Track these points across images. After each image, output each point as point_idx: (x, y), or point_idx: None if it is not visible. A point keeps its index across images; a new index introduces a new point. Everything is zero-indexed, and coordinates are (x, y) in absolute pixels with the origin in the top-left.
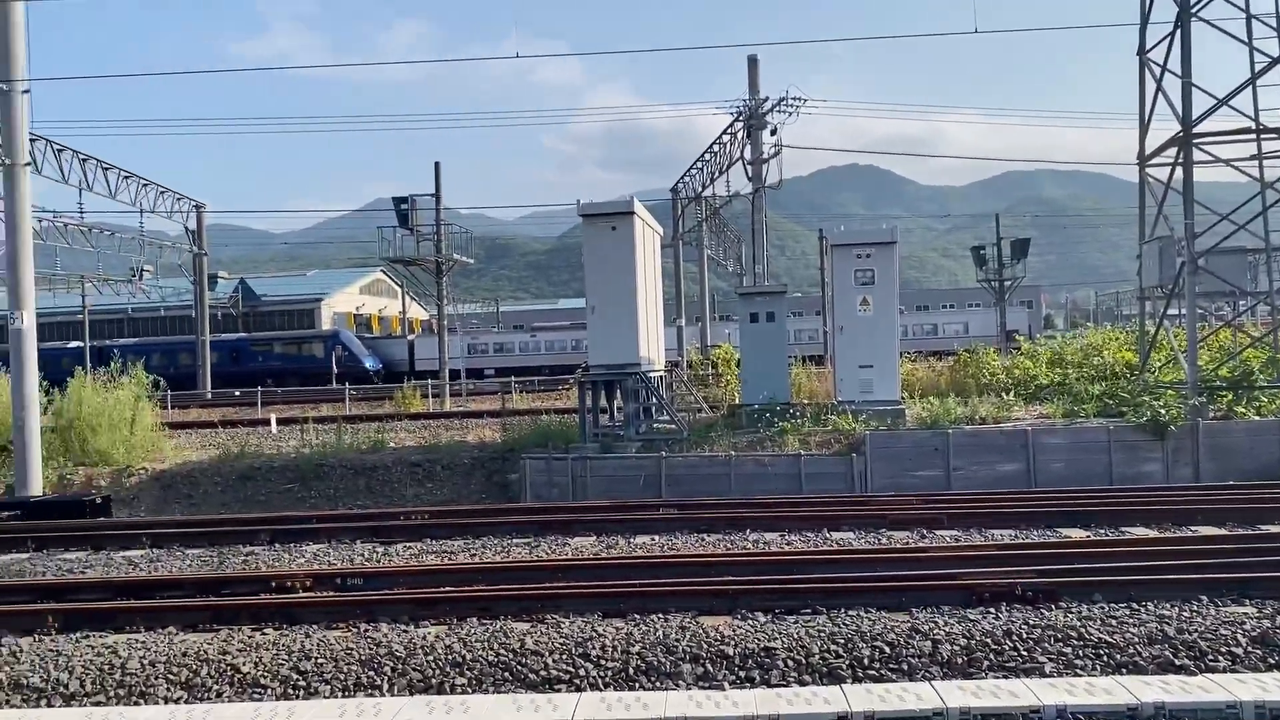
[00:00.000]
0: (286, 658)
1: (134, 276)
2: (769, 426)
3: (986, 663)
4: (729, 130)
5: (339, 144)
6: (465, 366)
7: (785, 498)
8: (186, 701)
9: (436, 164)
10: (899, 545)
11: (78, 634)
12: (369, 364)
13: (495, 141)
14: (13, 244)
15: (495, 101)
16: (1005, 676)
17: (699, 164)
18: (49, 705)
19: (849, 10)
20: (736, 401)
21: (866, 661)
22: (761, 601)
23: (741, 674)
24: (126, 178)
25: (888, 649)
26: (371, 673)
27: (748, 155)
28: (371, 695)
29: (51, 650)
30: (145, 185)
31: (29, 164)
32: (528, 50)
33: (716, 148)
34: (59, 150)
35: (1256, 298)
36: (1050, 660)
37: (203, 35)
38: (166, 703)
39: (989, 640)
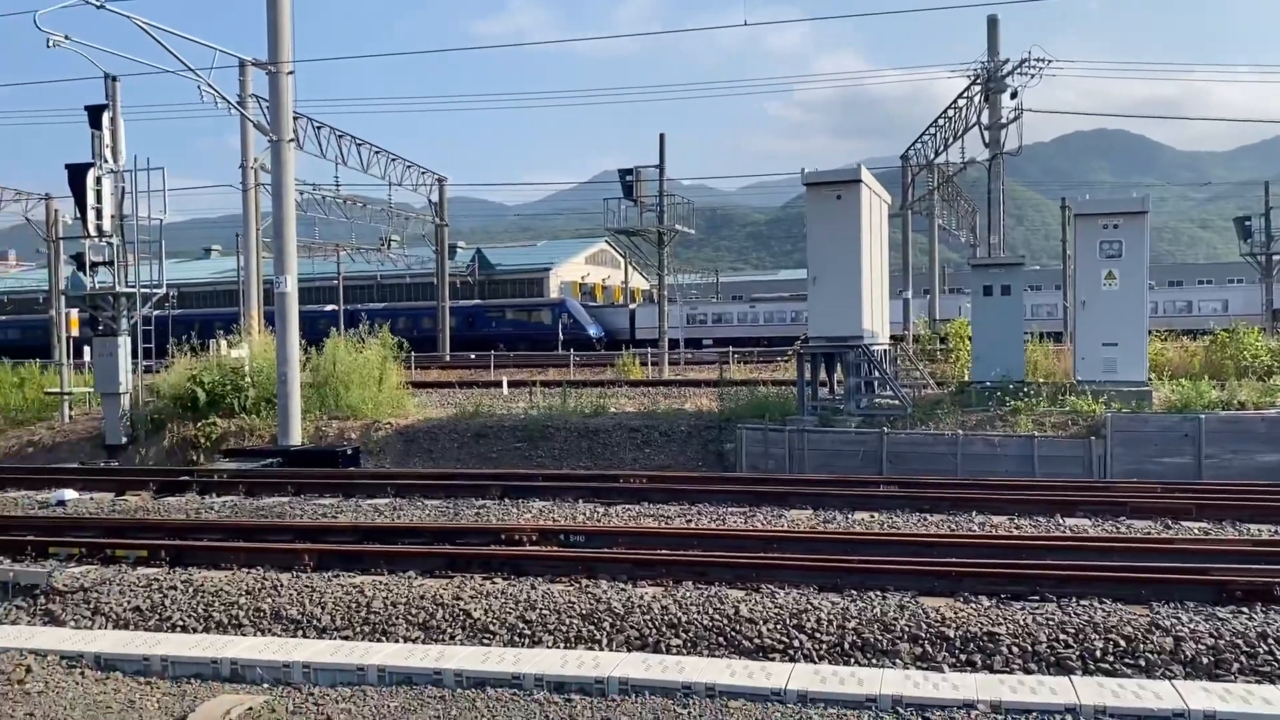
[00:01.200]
0: (514, 607)
1: (382, 245)
2: (1000, 405)
3: (1236, 665)
4: (965, 94)
5: (568, 118)
6: (684, 336)
7: (1015, 480)
8: (423, 642)
9: (661, 136)
10: (1140, 535)
11: (329, 573)
12: (592, 331)
13: (719, 111)
14: (279, 214)
15: (720, 72)
16: (1259, 682)
17: (932, 129)
18: (304, 636)
19: None
20: (966, 378)
21: (1099, 654)
22: (986, 585)
23: (962, 657)
24: (377, 153)
25: (1123, 643)
26: (591, 627)
27: (985, 120)
28: (591, 649)
29: (307, 586)
30: (394, 160)
31: (293, 140)
32: (755, 18)
33: (951, 112)
34: (318, 127)
35: None
36: None
37: (446, 16)
38: (405, 641)
39: (1240, 642)
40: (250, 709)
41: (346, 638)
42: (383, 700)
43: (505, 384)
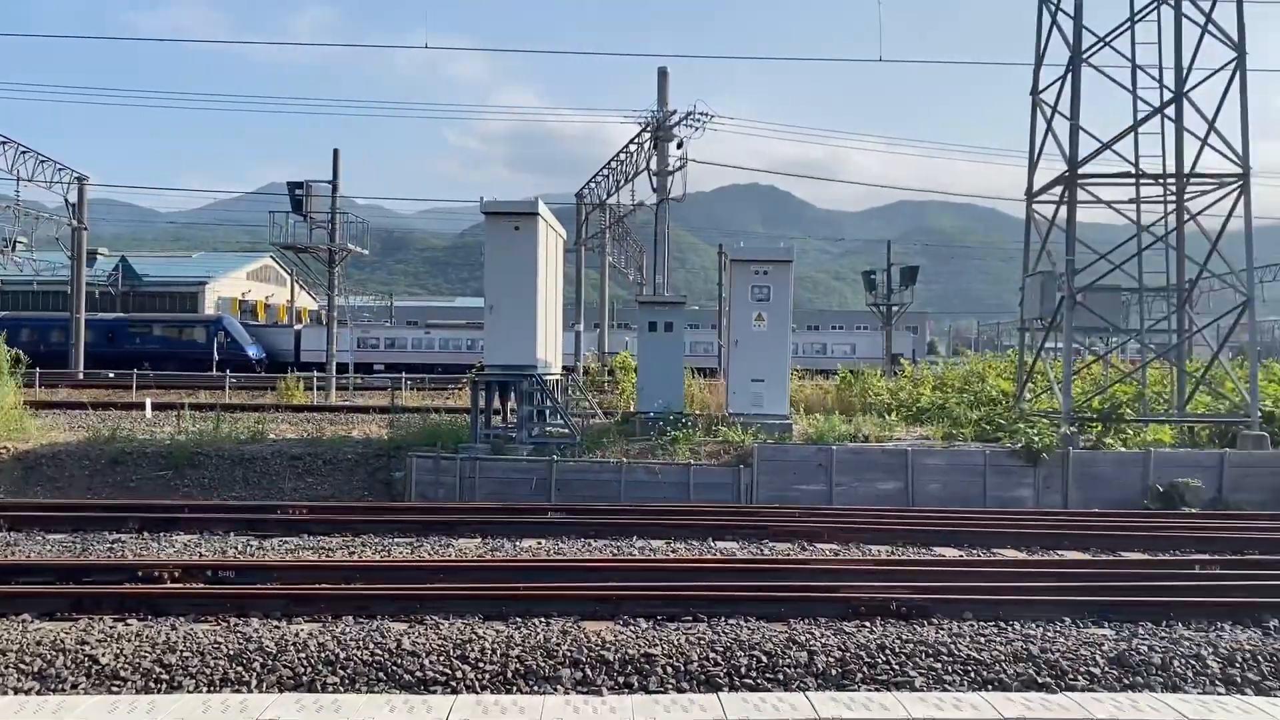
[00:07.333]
0: (150, 650)
1: (6, 247)
2: (661, 435)
3: (860, 675)
4: (636, 140)
5: (234, 125)
6: (354, 360)
7: (673, 506)
8: (38, 693)
9: (335, 151)
10: (780, 557)
11: None
12: (252, 352)
13: (397, 133)
14: None
15: (400, 93)
16: (878, 689)
17: (605, 171)
18: None
19: (759, 31)
20: (631, 409)
21: (744, 670)
22: (644, 608)
23: (621, 679)
24: (3, 143)
25: (765, 658)
26: (240, 668)
27: (653, 166)
28: (239, 691)
29: None
30: (24, 152)
31: None
32: (436, 43)
33: (623, 156)
34: None
35: (1128, 335)
36: (921, 675)
37: (100, 3)
38: (16, 694)
39: (863, 653)
40: None
41: None
42: None
43: (149, 406)
